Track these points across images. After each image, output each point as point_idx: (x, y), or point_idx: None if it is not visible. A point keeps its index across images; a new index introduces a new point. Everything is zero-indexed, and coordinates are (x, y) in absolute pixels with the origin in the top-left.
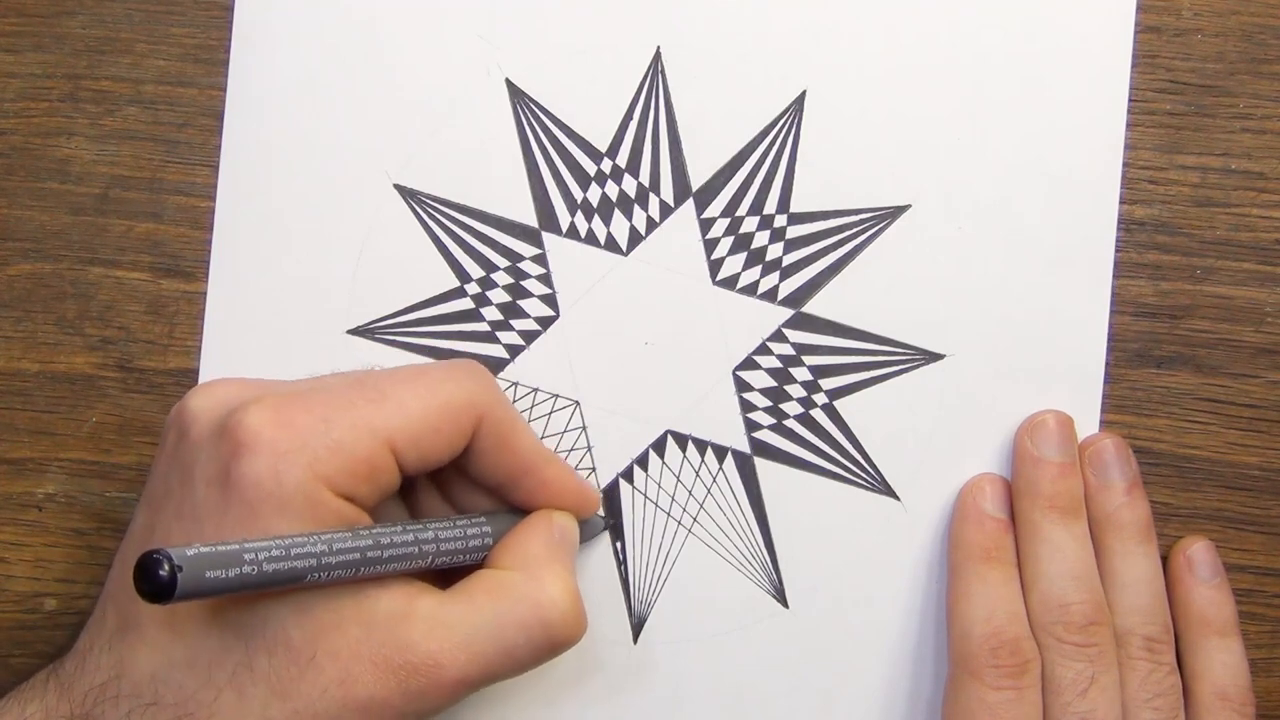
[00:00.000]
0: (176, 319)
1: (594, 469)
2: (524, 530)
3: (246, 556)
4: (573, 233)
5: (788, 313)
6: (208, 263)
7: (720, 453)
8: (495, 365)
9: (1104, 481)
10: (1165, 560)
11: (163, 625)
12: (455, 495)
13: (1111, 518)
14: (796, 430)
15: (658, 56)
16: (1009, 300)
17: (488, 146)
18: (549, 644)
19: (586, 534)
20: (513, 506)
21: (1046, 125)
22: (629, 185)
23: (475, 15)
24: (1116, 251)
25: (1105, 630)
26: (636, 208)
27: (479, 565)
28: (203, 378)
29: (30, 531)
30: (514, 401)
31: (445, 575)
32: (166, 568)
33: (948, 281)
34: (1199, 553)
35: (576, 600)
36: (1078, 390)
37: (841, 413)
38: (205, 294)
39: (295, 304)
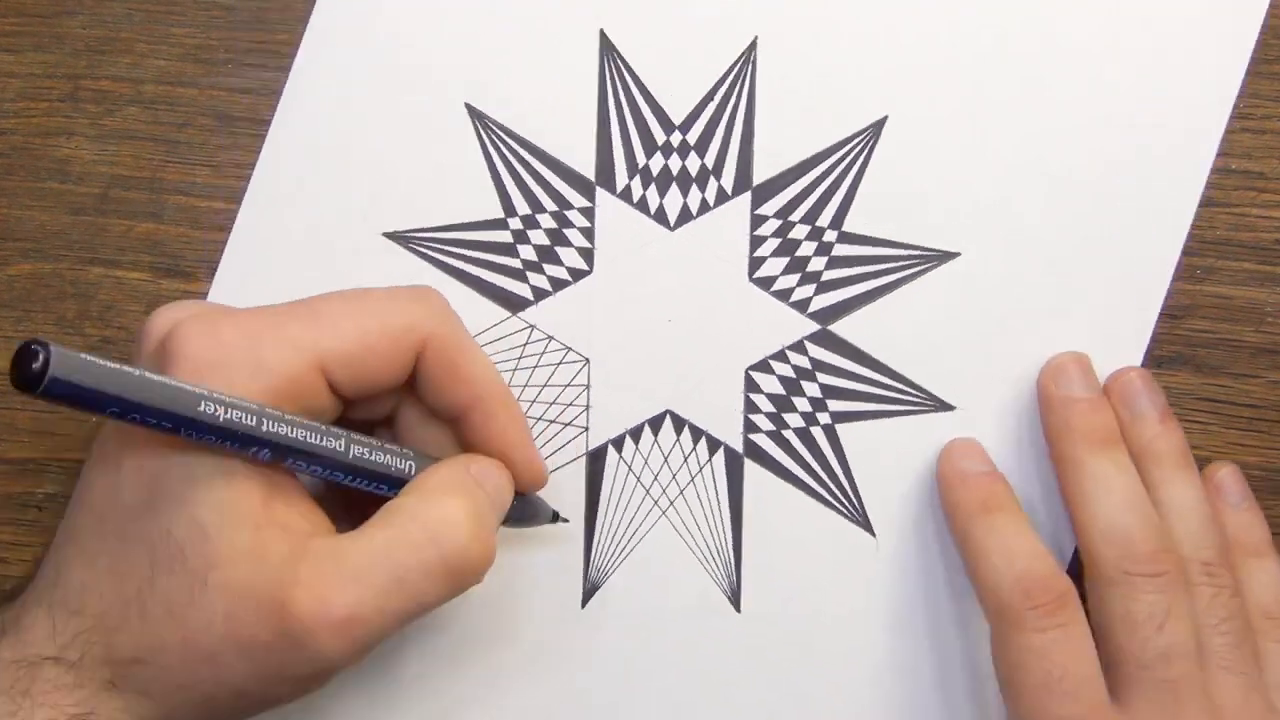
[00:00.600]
0: None
1: (587, 429)
2: (435, 465)
3: (127, 369)
4: (626, 195)
5: (814, 327)
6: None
7: (714, 445)
8: (518, 304)
9: (1136, 414)
10: None
11: (93, 534)
12: (411, 435)
13: (1149, 448)
14: (792, 443)
15: (753, 46)
16: (1032, 368)
17: (566, 90)
18: (445, 571)
19: (526, 515)
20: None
21: (1109, 214)
22: (692, 163)
23: None
24: (1166, 299)
25: (1171, 557)
26: (694, 187)
27: None
28: (229, 258)
29: (30, 531)
30: (525, 345)
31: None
32: (41, 358)
33: (976, 338)
34: (1226, 479)
35: (478, 525)
36: None
37: (840, 437)
38: (207, 293)
39: (338, 199)
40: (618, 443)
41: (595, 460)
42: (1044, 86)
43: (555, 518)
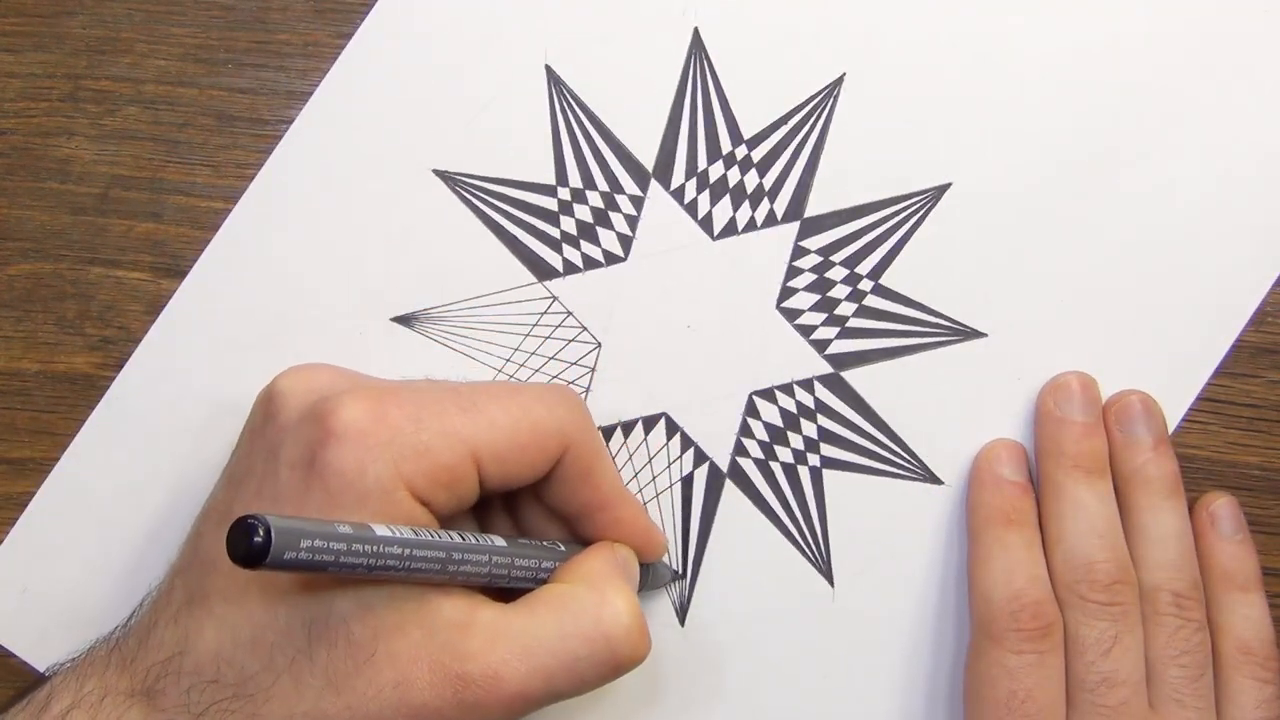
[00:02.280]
0: None
1: None
2: (586, 554)
3: (339, 531)
4: (678, 194)
5: (827, 369)
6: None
7: (700, 458)
8: (545, 272)
9: (1130, 437)
10: (1188, 516)
11: (231, 602)
12: (525, 520)
13: (1138, 473)
14: (777, 475)
15: (840, 81)
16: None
17: (648, 78)
18: (612, 659)
19: (654, 582)
20: (580, 539)
21: (1162, 298)
22: (750, 179)
23: None
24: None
25: (1129, 589)
26: (746, 203)
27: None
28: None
29: None
30: (542, 315)
31: (505, 596)
32: (261, 533)
33: (982, 417)
34: (1222, 508)
35: (640, 617)
36: None
37: (825, 483)
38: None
39: (398, 132)
40: (607, 432)
41: None
42: (1112, 185)
43: (675, 576)
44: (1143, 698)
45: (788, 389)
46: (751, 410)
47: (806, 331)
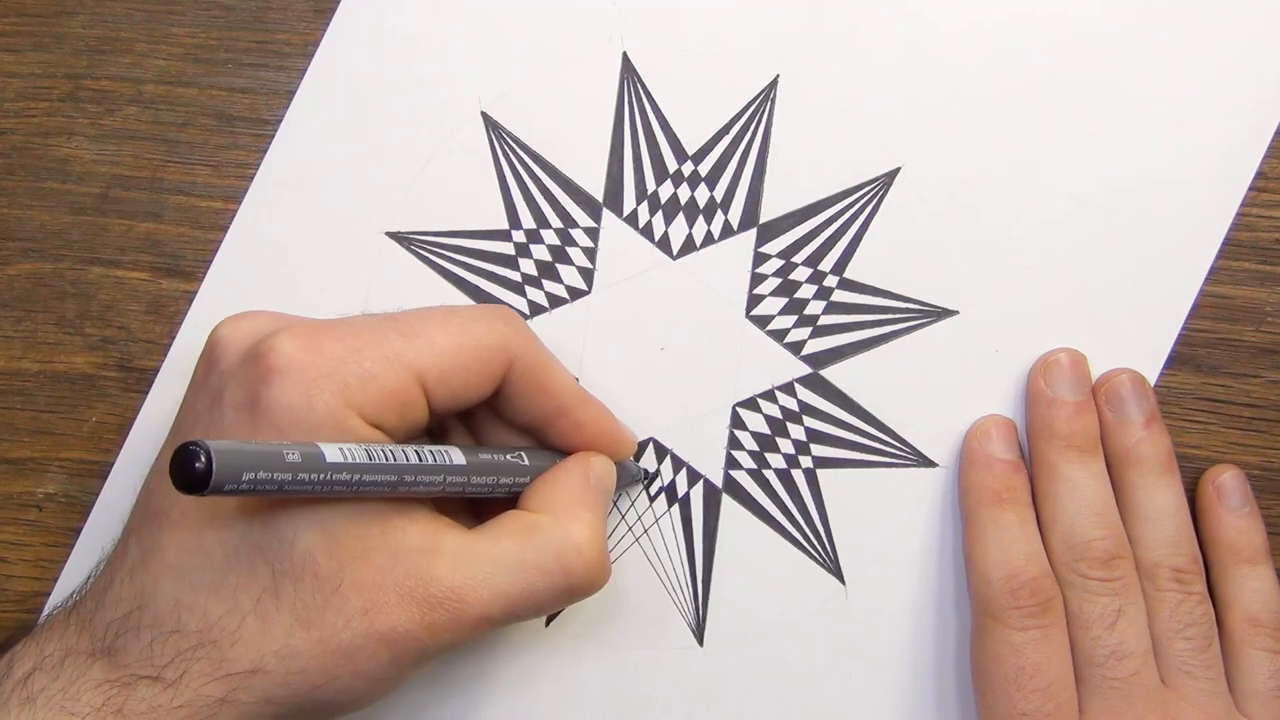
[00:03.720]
0: (176, 319)
1: None
2: (558, 473)
3: (286, 456)
4: (632, 219)
5: (806, 370)
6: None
7: (694, 477)
8: None
9: (1122, 417)
10: (1194, 490)
11: (187, 551)
12: (488, 439)
13: (1131, 452)
14: (772, 483)
15: (774, 84)
16: (1020, 429)
17: (584, 109)
18: (569, 589)
19: (623, 480)
20: (549, 448)
21: (1107, 295)
22: (701, 194)
23: None
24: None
25: (1127, 564)
26: (701, 218)
27: (510, 504)
28: (224, 253)
29: (30, 531)
30: None
31: (475, 515)
32: (203, 458)
33: (966, 398)
34: (1228, 481)
35: (600, 549)
36: None
37: (820, 483)
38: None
39: (345, 197)
40: None
41: None
42: (1059, 147)
43: (646, 474)
44: (1153, 669)
45: (769, 396)
46: (737, 422)
47: (779, 336)
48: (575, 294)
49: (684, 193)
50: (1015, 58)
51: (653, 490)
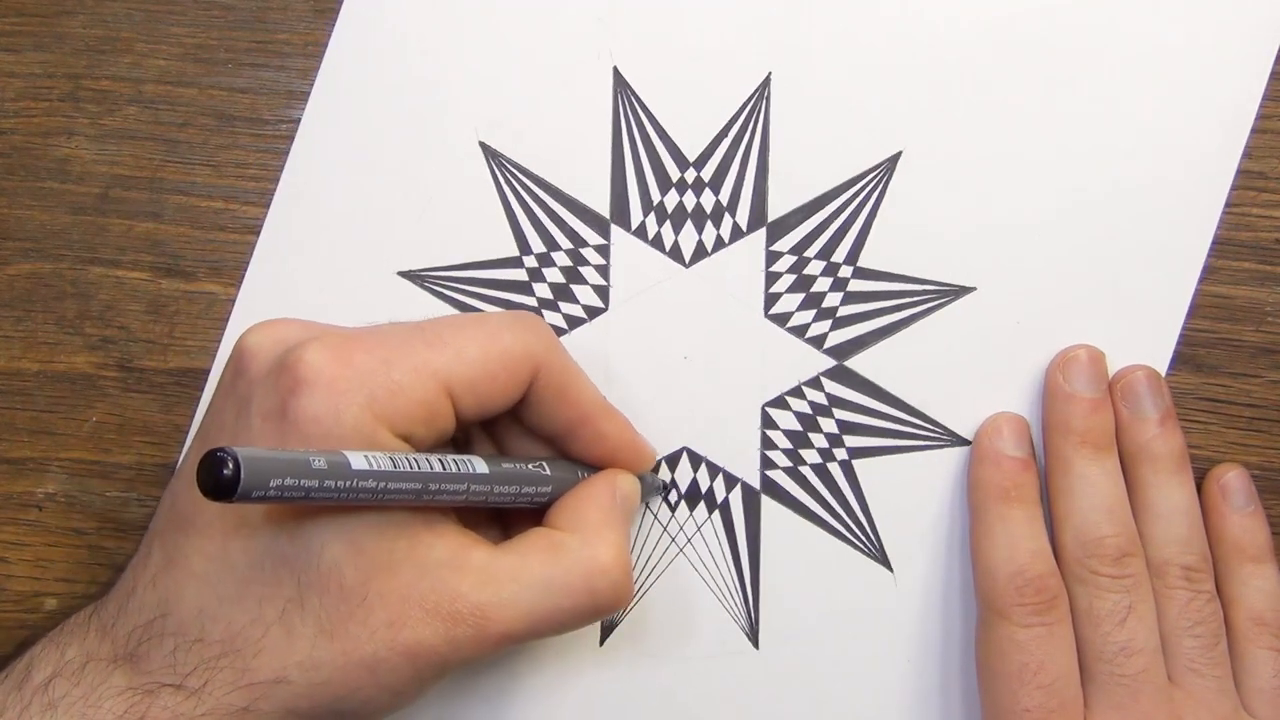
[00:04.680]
0: (176, 319)
1: None
2: (584, 491)
3: (313, 464)
4: (641, 232)
5: (830, 363)
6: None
7: (731, 482)
8: None
9: (1137, 414)
10: (1199, 489)
11: (211, 559)
12: (511, 447)
13: (1145, 449)
14: (809, 479)
15: (767, 82)
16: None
17: (581, 128)
18: (593, 609)
19: (644, 493)
20: (570, 458)
21: (1122, 245)
22: (707, 200)
23: None
24: (1187, 318)
25: (1139, 561)
26: (709, 223)
27: (537, 520)
28: (244, 298)
29: (30, 531)
30: None
31: (501, 528)
32: (230, 465)
33: (993, 372)
34: (1233, 481)
35: (626, 570)
36: None
37: (858, 473)
38: (207, 292)
39: (353, 238)
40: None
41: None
42: (1056, 117)
43: (665, 487)
44: (1161, 667)
45: (797, 392)
46: (768, 422)
47: (800, 332)
48: (593, 313)
49: (689, 200)
50: (1007, 32)
51: (684, 497)
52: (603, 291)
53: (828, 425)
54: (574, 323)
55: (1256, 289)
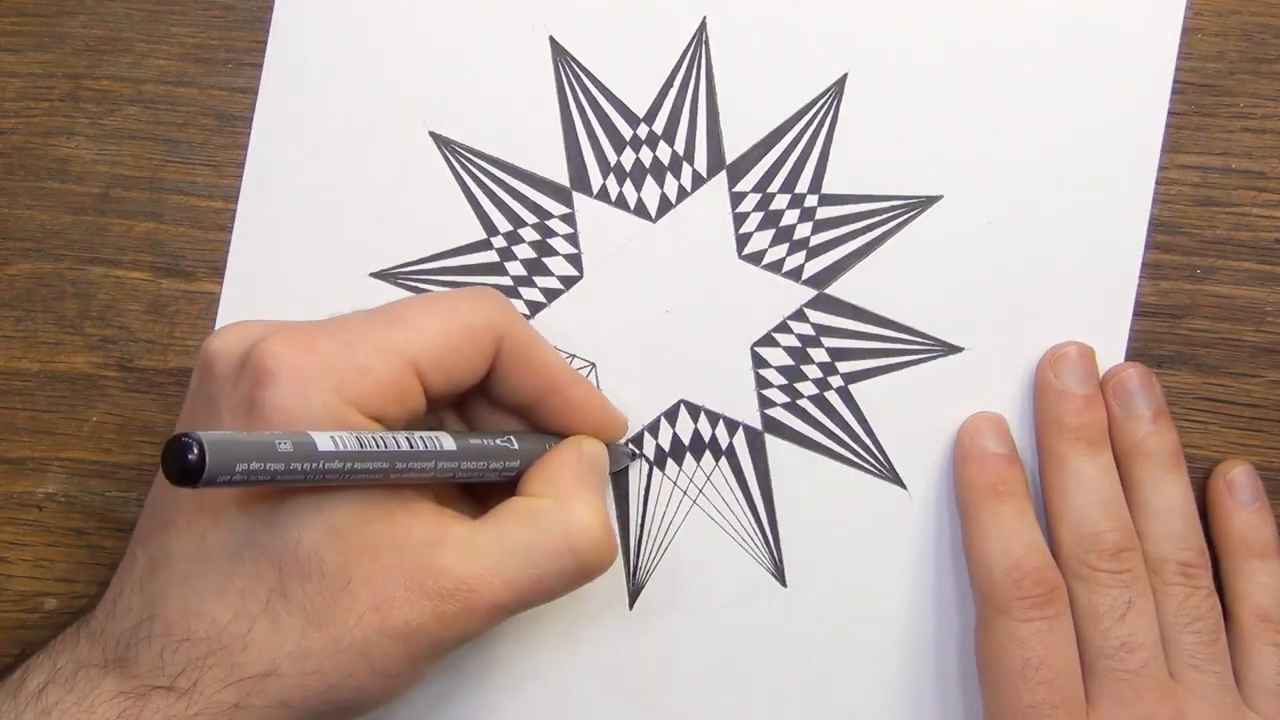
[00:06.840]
0: (177, 319)
1: None
2: (553, 458)
3: (279, 446)
4: (603, 195)
5: (811, 293)
6: (230, 224)
7: (732, 426)
8: None
9: (1130, 411)
10: (1204, 484)
11: (192, 558)
12: (483, 425)
13: (1139, 446)
14: (809, 410)
15: (703, 26)
16: (1032, 297)
17: (526, 102)
18: (579, 571)
19: (614, 463)
20: (542, 429)
21: (1082, 125)
22: (663, 152)
23: None
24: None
25: (1136, 556)
26: (669, 175)
27: (510, 492)
28: (223, 317)
29: (30, 531)
30: None
31: (477, 506)
32: (195, 449)
33: (972, 275)
34: (1239, 476)
35: (606, 528)
36: None
37: (856, 397)
38: (207, 292)
39: (320, 245)
40: (637, 440)
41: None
42: (998, 17)
43: (633, 455)
44: (1161, 662)
45: (783, 328)
46: (760, 362)
47: (776, 268)
48: (569, 282)
49: (646, 155)
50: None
51: (689, 448)
52: (575, 260)
53: (818, 355)
54: (552, 295)
55: (1256, 289)
